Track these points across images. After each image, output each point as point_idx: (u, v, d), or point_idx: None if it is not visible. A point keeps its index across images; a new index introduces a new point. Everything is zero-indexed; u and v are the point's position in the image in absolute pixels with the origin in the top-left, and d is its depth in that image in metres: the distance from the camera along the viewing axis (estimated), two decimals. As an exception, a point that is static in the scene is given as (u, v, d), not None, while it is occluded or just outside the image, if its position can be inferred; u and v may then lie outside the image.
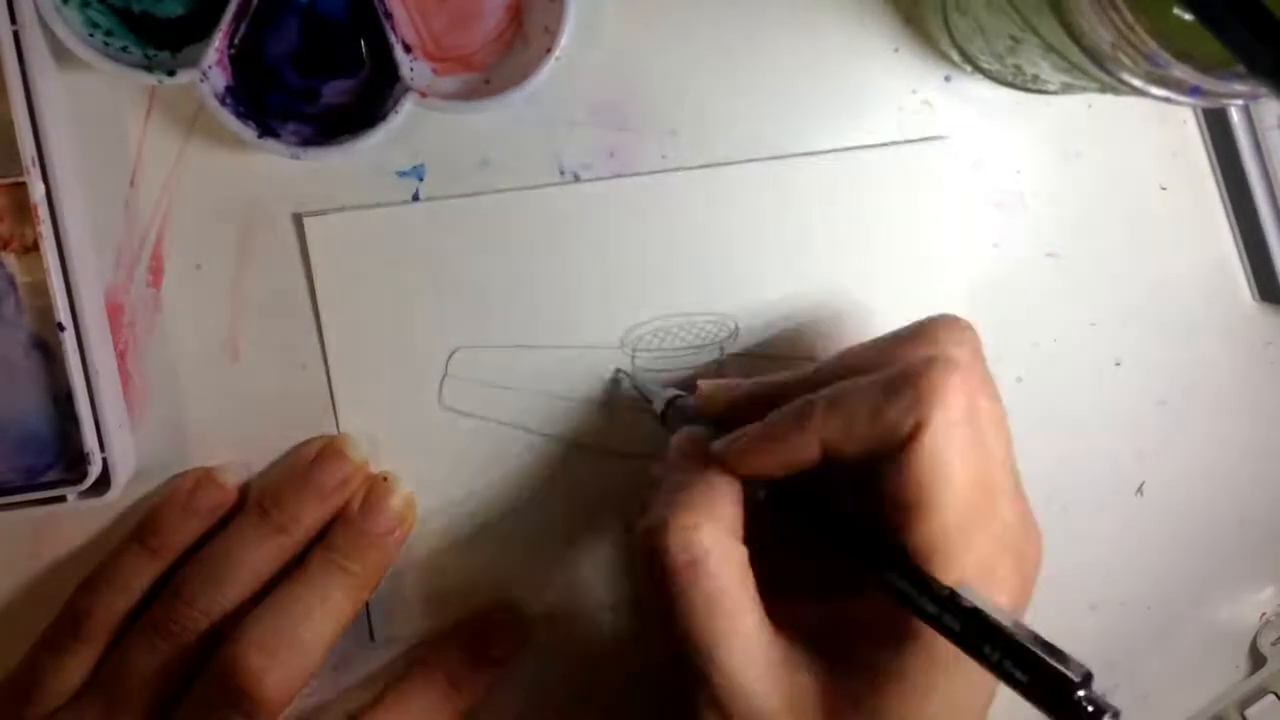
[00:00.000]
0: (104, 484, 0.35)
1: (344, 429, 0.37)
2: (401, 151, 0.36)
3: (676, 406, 0.34)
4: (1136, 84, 0.27)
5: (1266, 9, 0.23)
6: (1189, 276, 0.38)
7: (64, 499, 0.35)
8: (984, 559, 0.27)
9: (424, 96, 0.34)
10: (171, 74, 0.33)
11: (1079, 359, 0.38)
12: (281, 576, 0.35)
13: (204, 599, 0.34)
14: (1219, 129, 0.37)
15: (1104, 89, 0.29)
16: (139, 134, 0.36)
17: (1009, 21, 0.31)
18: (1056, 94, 0.36)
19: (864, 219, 0.37)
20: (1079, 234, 0.38)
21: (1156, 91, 0.27)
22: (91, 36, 0.33)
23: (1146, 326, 0.38)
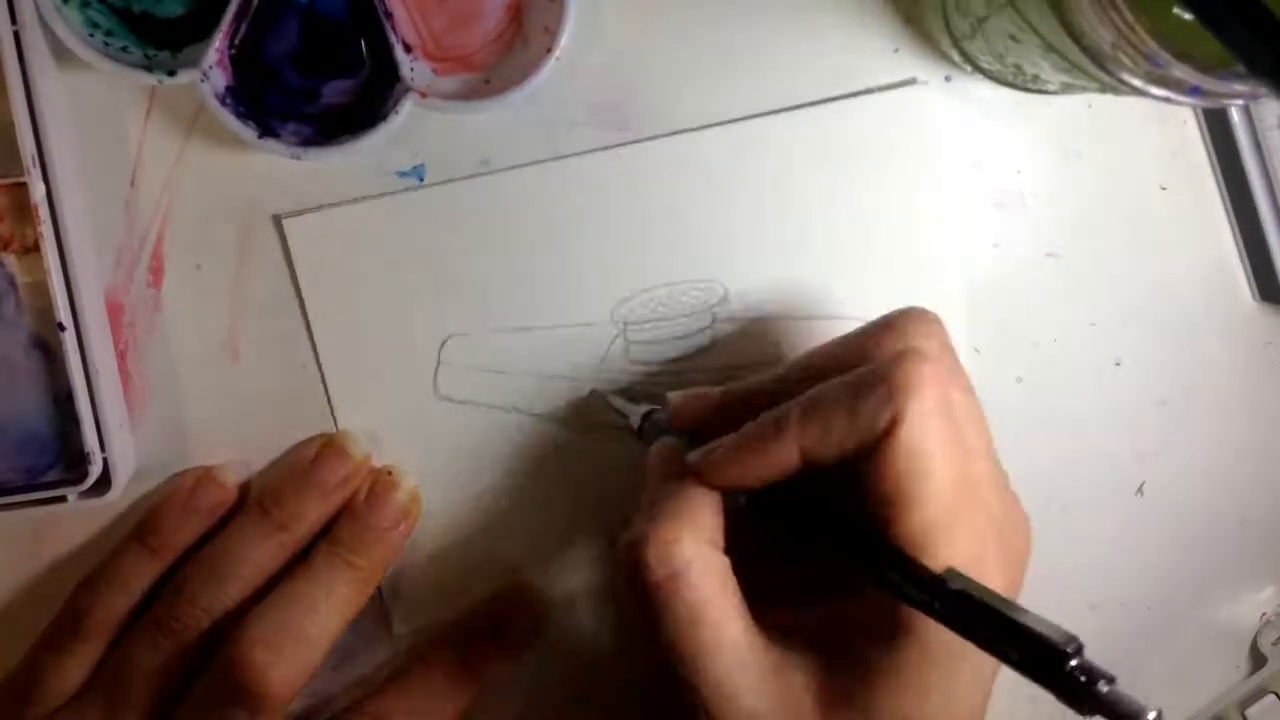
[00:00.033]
0: (104, 484, 0.35)
1: (342, 426, 0.37)
2: (401, 151, 0.36)
3: (652, 420, 0.34)
4: (1136, 84, 0.27)
5: (1266, 9, 0.23)
6: (1189, 276, 0.38)
7: (64, 499, 0.35)
8: (970, 549, 0.27)
9: (424, 96, 0.34)
10: (172, 74, 0.33)
11: (1079, 359, 0.38)
12: (283, 575, 0.35)
13: (206, 597, 0.34)
14: (1219, 129, 0.37)
15: (1104, 89, 0.29)
16: (139, 134, 0.36)
17: (1009, 21, 0.31)
18: (1056, 94, 0.36)
19: (853, 186, 0.37)
20: (1079, 234, 0.38)
21: (1156, 91, 0.27)
22: (92, 36, 0.33)
23: (1146, 326, 0.38)
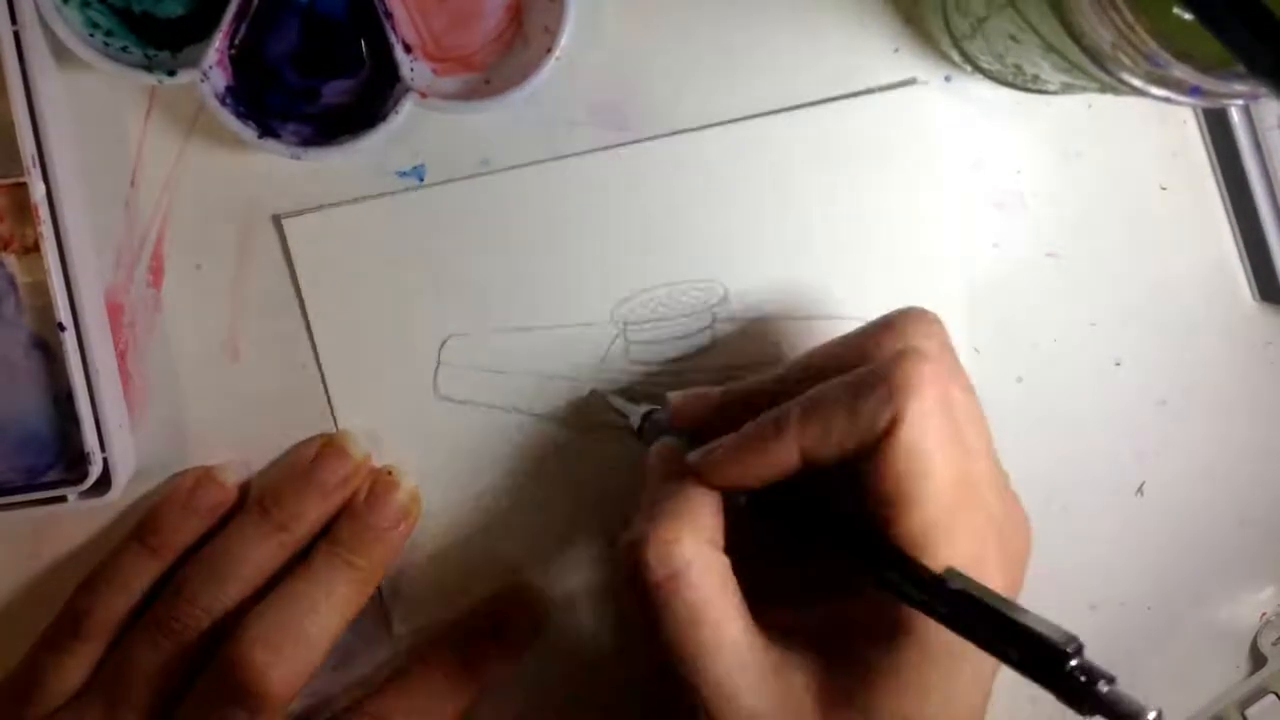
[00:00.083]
0: (104, 484, 0.35)
1: (342, 426, 0.37)
2: (401, 151, 0.36)
3: (652, 420, 0.34)
4: (1136, 84, 0.27)
5: (1266, 9, 0.23)
6: (1189, 276, 0.38)
7: (64, 499, 0.35)
8: (970, 549, 0.27)
9: (424, 96, 0.34)
10: (172, 74, 0.33)
11: (1079, 359, 0.38)
12: (283, 575, 0.35)
13: (206, 597, 0.34)
14: (1219, 129, 0.37)
15: (1104, 89, 0.29)
16: (139, 134, 0.36)
17: (1009, 21, 0.31)
18: (1056, 94, 0.36)
19: (853, 186, 0.37)
20: (1079, 234, 0.38)
21: (1156, 91, 0.27)
22: (92, 36, 0.33)
23: (1146, 326, 0.38)
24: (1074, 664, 0.23)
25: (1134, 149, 0.38)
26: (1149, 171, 0.38)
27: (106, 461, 0.34)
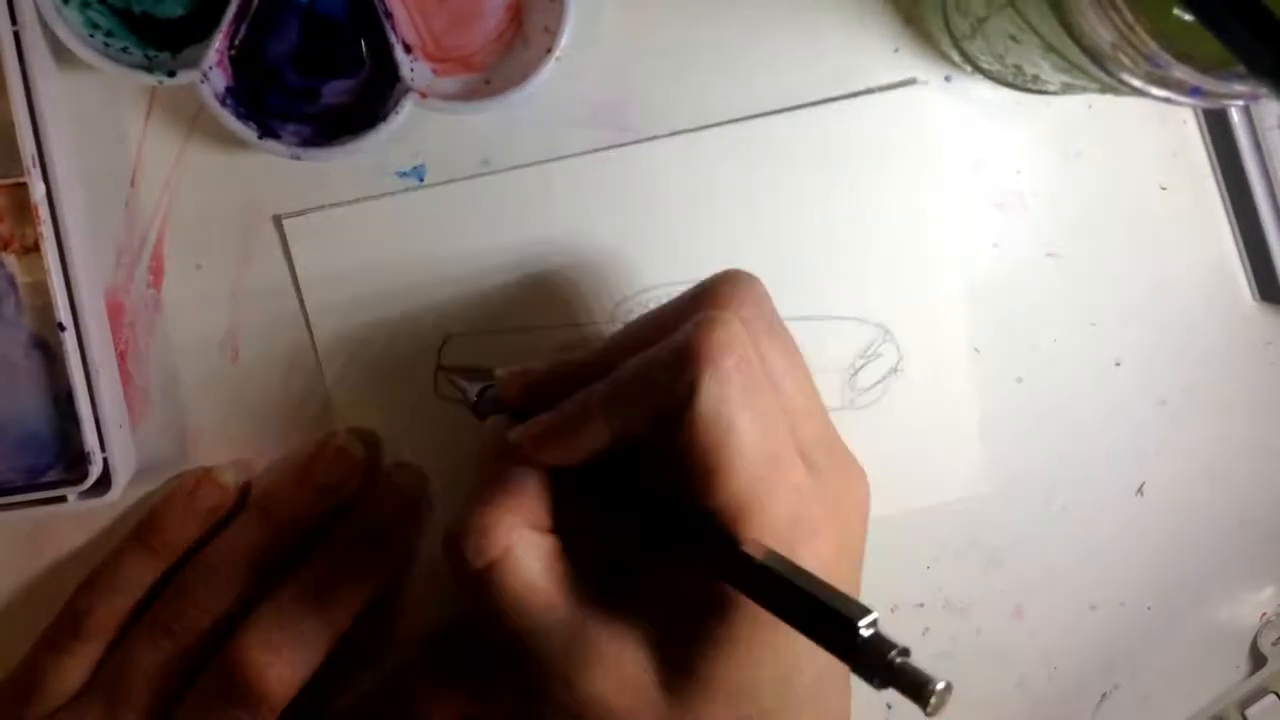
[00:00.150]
0: (104, 484, 0.35)
1: (342, 427, 0.37)
2: (401, 151, 0.36)
3: (487, 398, 0.33)
4: (1136, 84, 0.27)
5: (1266, 9, 0.23)
6: (1189, 276, 0.38)
7: (64, 499, 0.35)
8: (792, 509, 0.27)
9: (424, 96, 0.34)
10: (172, 75, 0.33)
11: (1079, 359, 0.38)
12: (283, 575, 0.35)
13: (206, 597, 0.34)
14: (1219, 129, 0.37)
15: (1104, 89, 0.29)
16: (139, 134, 0.36)
17: (1009, 21, 0.31)
18: (1056, 94, 0.36)
19: (853, 186, 0.37)
20: (1079, 234, 0.38)
21: (1156, 92, 0.27)
22: (92, 37, 0.33)
23: (1146, 326, 0.38)
24: (865, 636, 0.23)
25: (1134, 149, 0.38)
26: (1149, 171, 0.38)
27: (106, 461, 0.34)
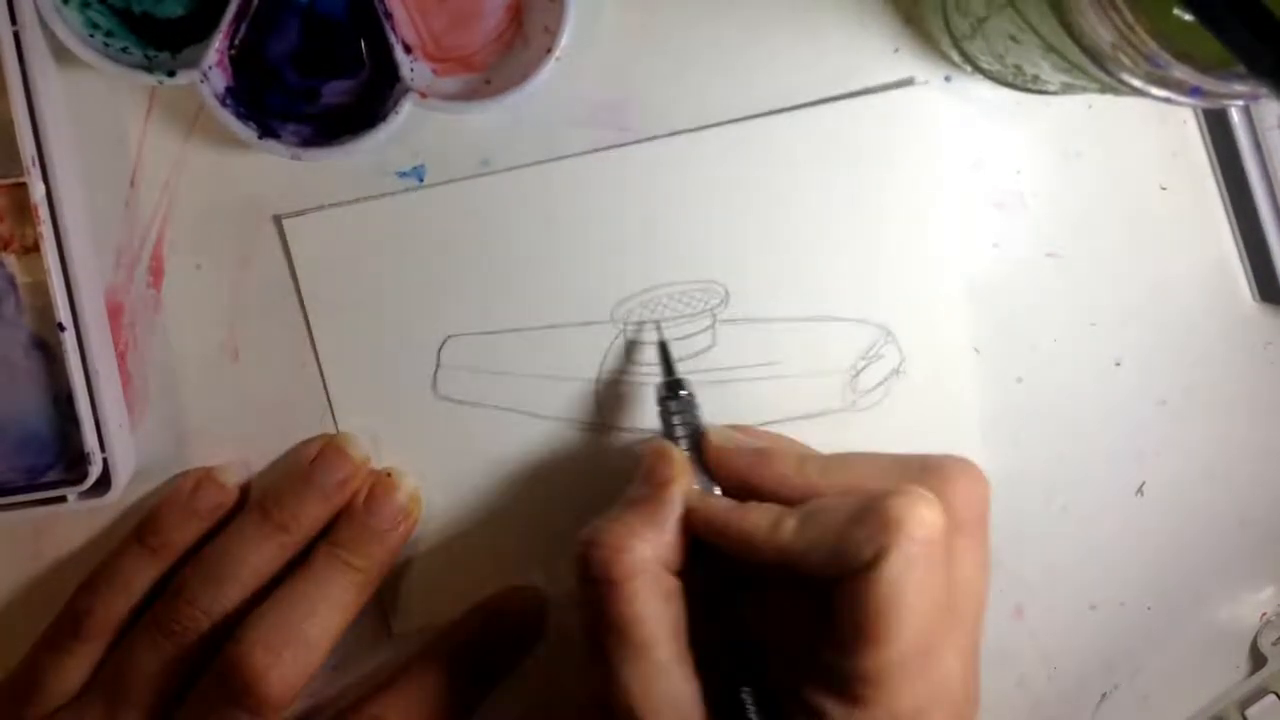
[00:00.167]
0: (104, 484, 0.35)
1: (342, 427, 0.37)
2: (401, 151, 0.36)
3: (678, 399, 0.34)
4: (1136, 84, 0.27)
5: (1266, 9, 0.23)
6: (1189, 276, 0.38)
7: (64, 499, 0.35)
8: (920, 703, 0.27)
9: (424, 96, 0.34)
10: (172, 74, 0.33)
11: (1079, 359, 0.38)
12: (283, 575, 0.35)
13: (206, 598, 0.34)
14: (1219, 129, 0.37)
15: (1104, 89, 0.29)
16: (139, 134, 0.36)
17: (1009, 21, 0.31)
18: (1056, 94, 0.36)
19: (853, 186, 0.37)
20: (1079, 234, 0.38)
21: (1156, 92, 0.27)
22: (92, 37, 0.33)
23: (1146, 326, 0.38)
24: None
25: (1134, 149, 0.38)
26: (1149, 171, 0.38)
27: (106, 461, 0.34)
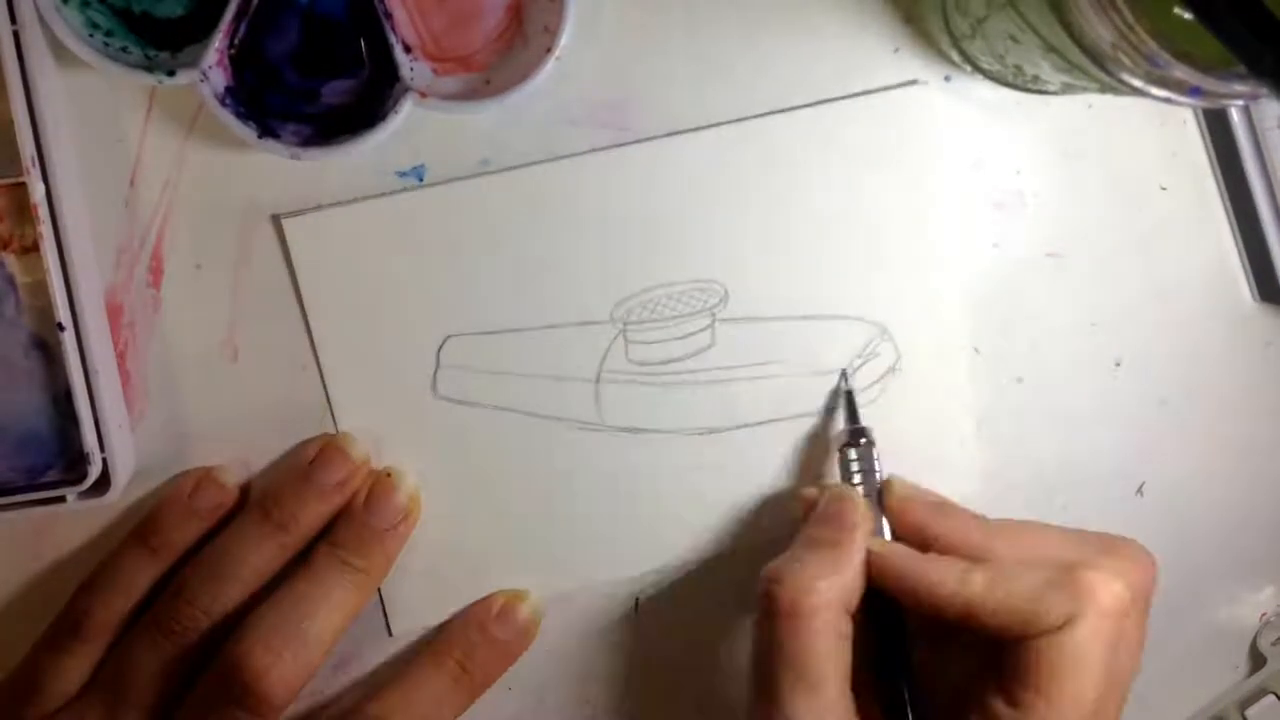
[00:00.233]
0: (104, 484, 0.35)
1: (342, 427, 0.37)
2: (401, 151, 0.36)
3: (862, 445, 0.35)
4: (1136, 84, 0.27)
5: (1266, 9, 0.23)
6: (1189, 276, 0.38)
7: (64, 499, 0.35)
8: None
9: (424, 96, 0.34)
10: (171, 74, 0.33)
11: (1079, 359, 0.38)
12: (283, 575, 0.35)
13: (206, 598, 0.34)
14: (1219, 129, 0.37)
15: (1104, 89, 0.29)
16: (139, 134, 0.36)
17: (1009, 21, 0.31)
18: (1056, 94, 0.36)
19: (853, 186, 0.37)
20: (1079, 234, 0.38)
21: (1156, 92, 0.27)
22: (91, 37, 0.33)
23: (1146, 326, 0.38)
24: None
25: (1134, 149, 0.38)
26: (1149, 171, 0.38)
27: (106, 461, 0.34)
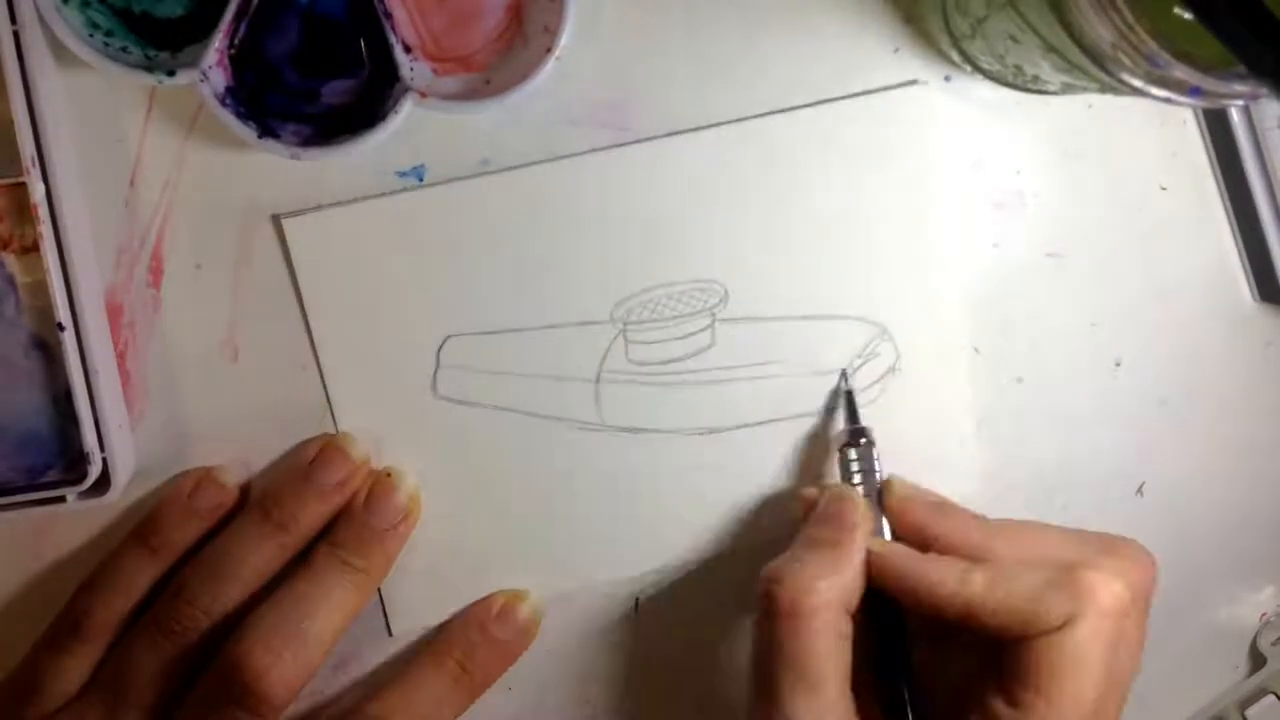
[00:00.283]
0: (104, 484, 0.35)
1: (342, 427, 0.37)
2: (401, 151, 0.36)
3: (862, 445, 0.35)
4: (1136, 84, 0.27)
5: (1266, 9, 0.23)
6: (1189, 276, 0.38)
7: (64, 499, 0.35)
8: None
9: (424, 96, 0.34)
10: (171, 74, 0.33)
11: (1079, 359, 0.38)
12: (283, 575, 0.35)
13: (206, 598, 0.34)
14: (1219, 129, 0.37)
15: (1104, 89, 0.29)
16: (139, 134, 0.36)
17: (1009, 21, 0.31)
18: (1056, 94, 0.36)
19: (853, 186, 0.37)
20: (1079, 234, 0.38)
21: (1156, 92, 0.27)
22: (91, 37, 0.33)
23: (1146, 326, 0.38)
24: None
25: (1134, 149, 0.38)
26: (1149, 171, 0.38)
27: (106, 461, 0.34)
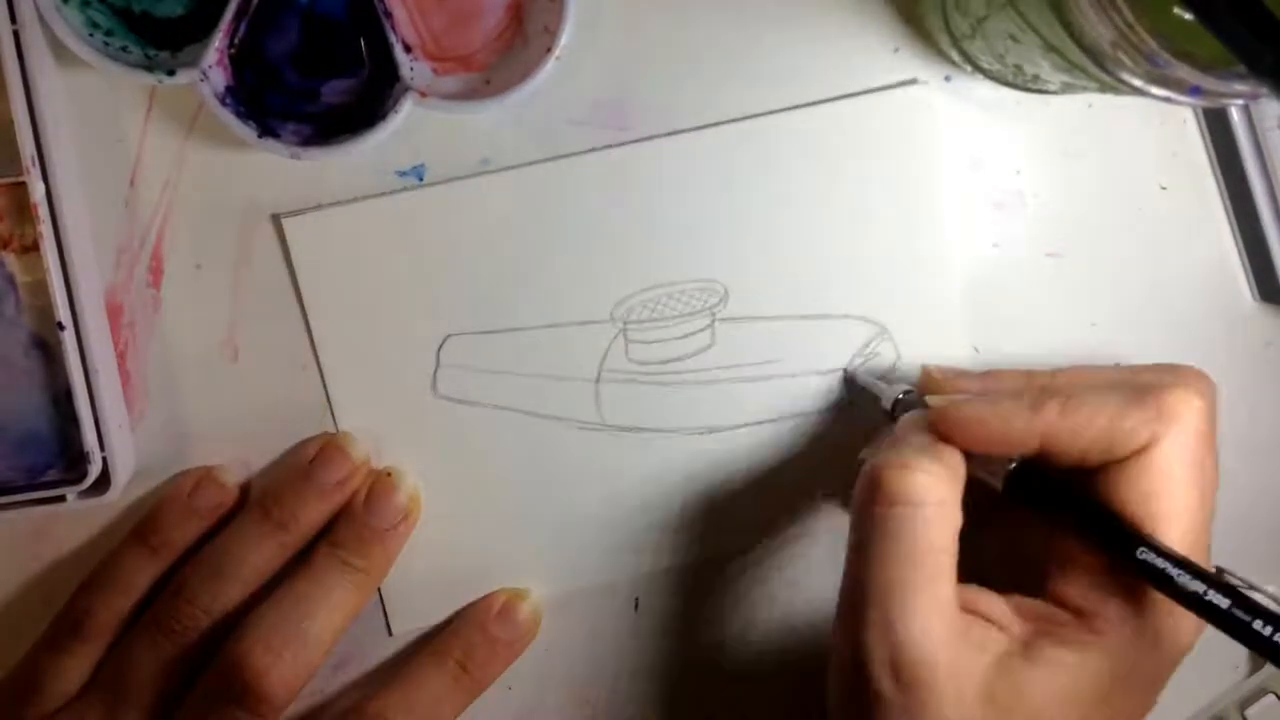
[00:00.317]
0: (104, 484, 0.35)
1: (342, 427, 0.37)
2: (401, 151, 0.36)
3: (903, 402, 0.34)
4: (1136, 84, 0.27)
5: (1266, 9, 0.23)
6: (1189, 276, 0.38)
7: (64, 499, 0.35)
8: None
9: (424, 96, 0.34)
10: (171, 74, 0.33)
11: (1079, 359, 0.38)
12: (283, 575, 0.35)
13: (206, 597, 0.34)
14: (1219, 129, 0.37)
15: (1104, 89, 0.29)
16: (139, 134, 0.36)
17: (1009, 21, 0.31)
18: (1056, 94, 0.36)
19: (854, 186, 0.37)
20: (1079, 234, 0.38)
21: (1156, 91, 0.27)
22: (91, 36, 0.33)
23: (1146, 326, 0.38)
24: None
25: (1134, 149, 0.38)
26: (1149, 171, 0.38)
27: (106, 461, 0.34)
